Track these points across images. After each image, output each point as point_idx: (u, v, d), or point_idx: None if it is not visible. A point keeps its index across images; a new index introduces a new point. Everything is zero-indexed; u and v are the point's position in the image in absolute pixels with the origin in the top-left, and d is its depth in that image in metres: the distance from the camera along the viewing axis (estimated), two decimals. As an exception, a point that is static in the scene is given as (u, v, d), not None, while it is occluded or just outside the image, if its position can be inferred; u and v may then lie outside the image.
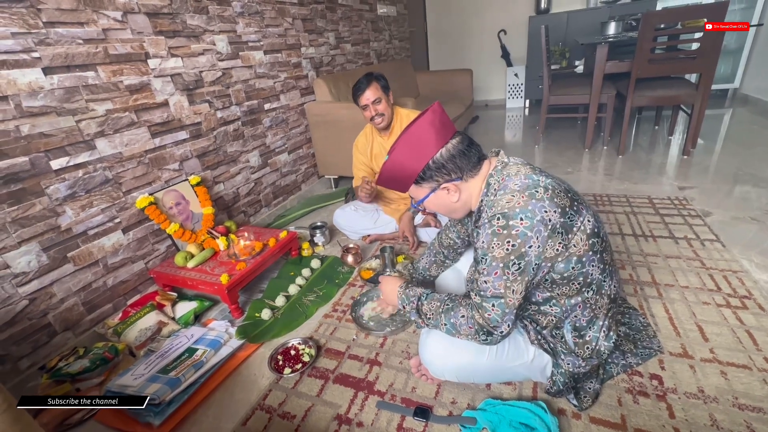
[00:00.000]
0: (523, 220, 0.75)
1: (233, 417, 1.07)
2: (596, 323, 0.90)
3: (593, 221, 0.83)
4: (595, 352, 0.91)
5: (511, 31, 4.71)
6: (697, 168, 2.41)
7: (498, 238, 0.77)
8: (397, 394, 1.08)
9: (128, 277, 1.53)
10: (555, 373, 0.95)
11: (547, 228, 0.76)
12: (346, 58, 2.99)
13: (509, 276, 0.78)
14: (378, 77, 1.69)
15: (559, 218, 0.77)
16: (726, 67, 3.92)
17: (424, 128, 0.84)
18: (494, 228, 0.78)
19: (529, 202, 0.76)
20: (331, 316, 1.44)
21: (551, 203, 0.77)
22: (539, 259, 0.78)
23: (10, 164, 1.16)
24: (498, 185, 0.84)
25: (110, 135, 1.42)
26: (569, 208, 0.79)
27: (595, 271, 0.84)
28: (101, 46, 1.36)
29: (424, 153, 0.84)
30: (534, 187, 0.78)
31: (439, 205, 0.92)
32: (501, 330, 0.81)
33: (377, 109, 1.69)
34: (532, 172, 0.83)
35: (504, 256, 0.77)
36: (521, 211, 0.76)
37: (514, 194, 0.78)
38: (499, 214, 0.77)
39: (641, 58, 2.41)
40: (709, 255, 1.52)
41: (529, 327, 0.95)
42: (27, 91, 1.19)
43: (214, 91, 1.84)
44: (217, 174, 1.91)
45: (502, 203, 0.79)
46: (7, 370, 1.20)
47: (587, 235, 0.81)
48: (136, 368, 1.19)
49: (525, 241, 0.75)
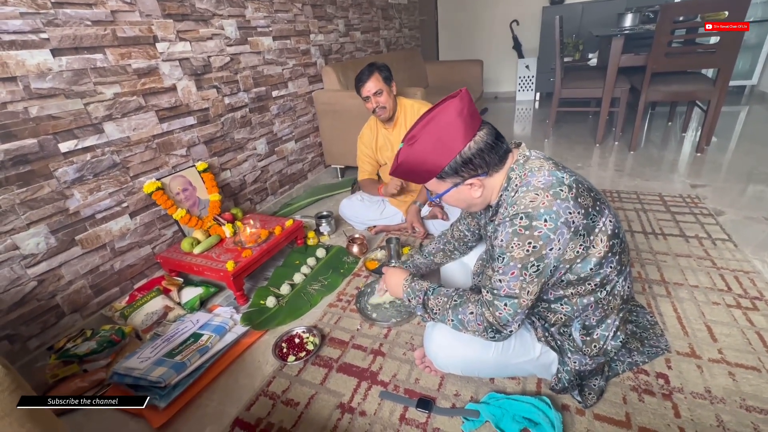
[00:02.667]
0: (548, 221, 0.72)
1: (237, 402, 1.08)
2: (606, 322, 0.89)
3: (614, 222, 0.80)
4: (602, 351, 0.90)
5: (524, 21, 4.61)
6: (710, 166, 2.37)
7: (519, 239, 0.74)
8: (400, 385, 1.08)
9: (135, 261, 1.53)
10: (561, 370, 0.94)
11: (570, 230, 0.74)
12: (355, 46, 2.95)
13: (526, 277, 0.75)
14: (380, 67, 1.65)
15: (582, 220, 0.75)
16: (744, 62, 3.82)
17: (451, 118, 0.76)
18: (516, 228, 0.74)
19: (554, 203, 0.73)
20: (335, 306, 1.44)
21: (575, 204, 0.74)
22: (558, 261, 0.76)
23: (19, 146, 1.16)
24: (520, 180, 0.79)
25: (118, 119, 1.41)
26: (592, 209, 0.77)
27: (612, 273, 0.82)
28: (109, 29, 1.35)
29: (451, 147, 0.77)
30: (559, 186, 0.75)
31: (458, 200, 0.88)
32: (510, 329, 0.80)
33: (378, 101, 1.66)
34: (555, 168, 0.79)
35: (524, 257, 0.74)
36: (546, 212, 0.73)
37: (538, 192, 0.75)
38: (522, 214, 0.74)
39: (658, 52, 2.35)
40: (721, 254, 1.50)
41: (537, 324, 0.94)
42: (35, 72, 1.18)
43: (222, 76, 1.82)
44: (224, 161, 1.90)
45: (526, 202, 0.75)
46: (17, 350, 1.22)
47: (608, 236, 0.78)
48: (142, 351, 1.20)
49: (547, 243, 0.73)
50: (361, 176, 1.94)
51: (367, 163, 1.90)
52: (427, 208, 1.80)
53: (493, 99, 5.16)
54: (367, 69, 1.65)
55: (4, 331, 1.19)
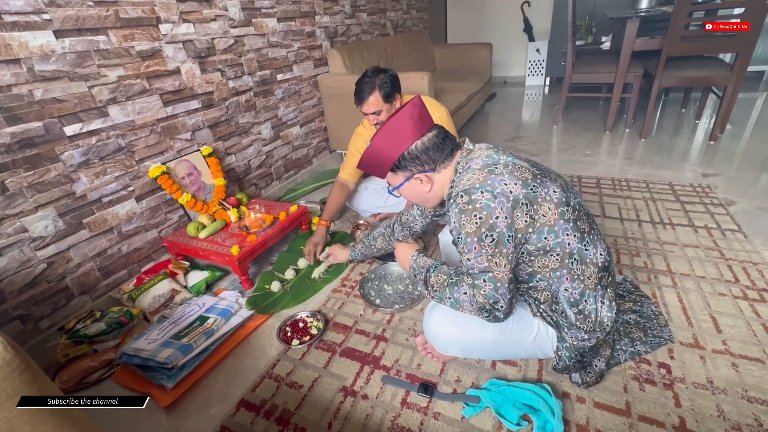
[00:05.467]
0: (483, 192, 0.79)
1: (242, 383, 1.11)
2: (590, 294, 0.88)
3: (559, 191, 0.84)
4: (597, 324, 0.90)
5: (536, 3, 4.47)
6: (723, 154, 2.32)
7: (465, 214, 0.80)
8: (402, 370, 1.09)
9: (142, 244, 1.55)
10: (560, 347, 0.95)
11: (509, 199, 0.79)
12: (361, 28, 2.89)
13: (486, 249, 0.79)
14: (383, 84, 1.49)
15: (521, 189, 0.80)
16: (765, 47, 3.68)
17: (403, 120, 0.88)
18: (459, 205, 0.81)
19: (488, 177, 0.81)
20: (339, 291, 1.45)
21: (510, 176, 0.81)
22: (510, 230, 0.80)
23: (25, 129, 1.17)
24: (462, 169, 0.89)
25: (122, 102, 1.40)
26: (531, 180, 0.82)
27: (572, 240, 0.84)
28: (112, 9, 1.33)
29: (401, 143, 0.89)
30: (494, 165, 0.83)
31: (412, 194, 0.98)
32: (500, 305, 0.80)
33: (376, 118, 1.56)
34: (494, 153, 0.88)
35: (475, 230, 0.79)
36: (481, 186, 0.80)
37: (474, 173, 0.83)
38: (461, 192, 0.82)
39: (674, 35, 2.27)
40: (729, 245, 1.48)
41: (530, 301, 0.95)
42: (39, 54, 1.17)
43: (226, 59, 1.80)
44: (228, 145, 1.90)
45: (464, 182, 0.83)
46: (29, 330, 1.25)
47: (554, 204, 0.82)
48: (150, 333, 1.22)
49: (490, 212, 0.78)
50: (341, 173, 1.79)
51: (356, 158, 1.75)
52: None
53: (502, 84, 5.06)
54: (368, 85, 1.50)
55: (17, 311, 1.22)
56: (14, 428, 0.53)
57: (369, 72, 1.53)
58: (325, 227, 1.65)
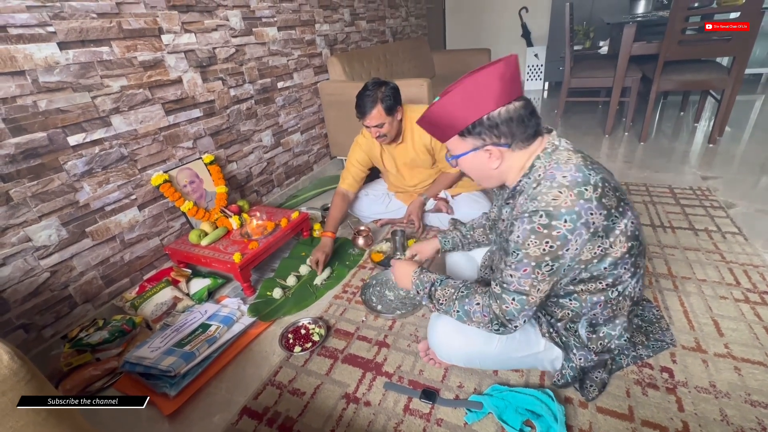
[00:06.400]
0: (567, 222, 0.70)
1: (245, 391, 1.11)
2: (613, 322, 0.88)
3: (635, 224, 0.78)
4: (606, 348, 0.90)
5: (533, 8, 4.51)
6: (722, 157, 2.32)
7: (536, 237, 0.72)
8: (404, 376, 1.09)
9: (144, 252, 1.56)
10: (565, 366, 0.94)
11: (589, 231, 0.72)
12: (361, 35, 2.92)
13: (538, 275, 0.75)
14: (384, 97, 1.49)
15: (603, 221, 0.72)
16: (762, 50, 3.70)
17: (490, 79, 0.73)
18: (534, 225, 0.72)
19: (577, 203, 0.70)
20: (341, 297, 1.45)
21: (599, 204, 0.71)
22: (573, 261, 0.75)
23: (29, 139, 1.18)
24: (544, 171, 0.76)
25: (125, 112, 1.42)
26: (615, 210, 0.74)
27: (625, 275, 0.81)
28: (115, 21, 1.35)
29: (482, 105, 0.75)
30: (584, 185, 0.71)
31: (473, 167, 0.85)
32: (515, 324, 0.80)
33: (379, 131, 1.55)
34: (583, 163, 0.75)
35: (539, 256, 0.73)
36: (567, 212, 0.70)
37: (562, 190, 0.71)
38: (543, 212, 0.71)
39: (671, 40, 2.29)
40: (730, 248, 1.48)
41: (542, 319, 0.94)
42: (43, 66, 1.19)
43: (228, 68, 1.82)
44: (230, 153, 1.91)
45: (548, 199, 0.72)
46: (32, 338, 1.26)
47: (627, 237, 0.76)
48: (152, 341, 1.23)
49: (564, 243, 0.71)
50: (341, 183, 1.78)
51: (356, 168, 1.76)
52: (432, 201, 1.80)
53: (500, 88, 5.08)
54: (370, 98, 1.49)
55: (20, 320, 1.22)
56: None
57: (370, 85, 1.52)
58: (331, 239, 1.61)
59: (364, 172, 1.80)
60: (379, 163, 1.81)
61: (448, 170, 1.77)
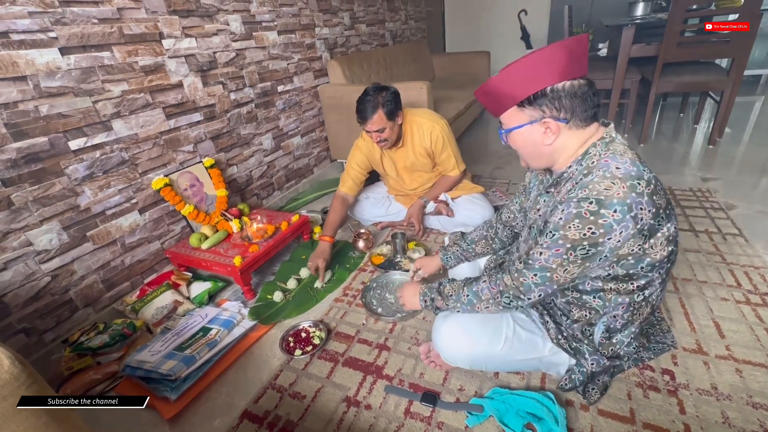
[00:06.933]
0: (617, 213, 0.68)
1: (246, 395, 1.11)
2: (629, 328, 0.87)
3: (676, 228, 0.76)
4: (615, 354, 0.90)
5: (532, 11, 4.52)
6: (722, 158, 2.32)
7: (581, 221, 0.70)
8: (405, 379, 1.09)
9: (145, 256, 1.56)
10: (575, 371, 0.93)
11: (636, 226, 0.70)
12: (360, 39, 2.93)
13: (570, 257, 0.73)
14: (385, 102, 1.50)
15: (650, 219, 0.71)
16: (761, 51, 3.71)
17: (559, 52, 0.73)
18: (582, 210, 0.70)
19: (629, 195, 0.69)
20: (341, 300, 1.45)
21: (649, 200, 0.70)
22: (611, 252, 0.73)
23: (30, 144, 1.19)
24: (597, 159, 0.75)
25: (126, 116, 1.43)
26: (663, 211, 0.72)
27: (657, 280, 0.79)
28: (116, 26, 1.36)
29: (545, 77, 0.74)
30: (638, 179, 0.70)
31: (527, 142, 0.82)
32: (530, 297, 0.80)
33: (380, 135, 1.56)
34: (638, 160, 0.74)
35: (577, 239, 0.71)
36: (618, 202, 0.68)
37: (615, 181, 0.70)
38: (594, 199, 0.70)
39: (670, 41, 2.29)
40: (731, 250, 1.48)
41: (551, 324, 0.93)
42: (45, 71, 1.20)
43: (228, 72, 1.83)
44: (230, 156, 1.92)
45: (600, 188, 0.70)
46: (33, 343, 1.26)
47: (668, 241, 0.74)
48: (153, 345, 1.23)
49: (607, 232, 0.70)
50: (341, 186, 1.78)
51: (355, 171, 1.76)
52: (432, 204, 1.80)
53: (500, 91, 5.09)
54: (371, 103, 1.49)
55: (21, 324, 1.22)
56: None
57: (370, 90, 1.52)
58: (329, 243, 1.60)
59: (364, 175, 1.80)
60: (379, 167, 1.82)
61: (448, 173, 1.77)
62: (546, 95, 0.75)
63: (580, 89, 0.75)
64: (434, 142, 1.66)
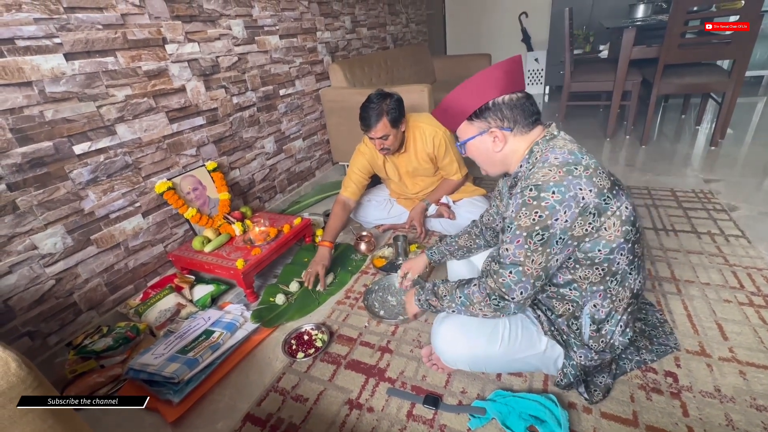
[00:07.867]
0: (555, 193, 0.75)
1: (248, 398, 1.11)
2: (614, 317, 0.88)
3: (630, 209, 0.80)
4: (608, 346, 0.90)
5: (533, 13, 4.54)
6: (724, 160, 2.32)
7: (527, 208, 0.77)
8: (407, 382, 1.09)
9: (148, 259, 1.57)
10: (566, 365, 0.95)
11: (579, 205, 0.75)
12: (362, 42, 2.94)
13: (530, 245, 0.77)
14: (389, 109, 1.50)
15: (594, 198, 0.75)
16: (762, 52, 3.70)
17: (496, 72, 0.84)
18: (525, 198, 0.77)
19: (565, 178, 0.75)
20: (343, 303, 1.46)
21: (588, 182, 0.75)
22: (565, 234, 0.76)
23: (35, 149, 1.20)
24: (540, 155, 0.83)
25: (130, 120, 1.44)
26: (608, 191, 0.77)
27: (622, 261, 0.82)
28: (120, 32, 1.37)
29: (488, 92, 0.84)
30: (574, 164, 0.77)
31: (480, 152, 0.92)
32: (513, 296, 0.81)
33: (383, 143, 1.57)
34: (578, 150, 0.81)
35: (529, 226, 0.77)
36: (555, 185, 0.75)
37: (552, 168, 0.77)
38: (532, 185, 0.77)
39: (671, 43, 2.30)
40: (733, 251, 1.48)
41: (543, 317, 0.94)
42: (50, 76, 1.21)
43: (230, 76, 1.84)
44: (233, 160, 1.93)
45: (538, 176, 0.78)
46: (37, 346, 1.27)
47: (621, 221, 0.78)
48: (156, 348, 1.23)
49: (552, 213, 0.75)
50: (343, 191, 1.78)
51: (357, 176, 1.76)
52: (433, 207, 1.80)
53: (501, 93, 5.10)
54: (375, 111, 1.50)
55: (26, 327, 1.23)
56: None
57: (374, 97, 1.52)
58: (329, 249, 1.60)
59: (366, 179, 1.81)
60: (381, 172, 1.82)
61: (451, 177, 1.78)
62: (489, 108, 0.85)
63: (519, 101, 0.85)
64: (437, 148, 1.66)
